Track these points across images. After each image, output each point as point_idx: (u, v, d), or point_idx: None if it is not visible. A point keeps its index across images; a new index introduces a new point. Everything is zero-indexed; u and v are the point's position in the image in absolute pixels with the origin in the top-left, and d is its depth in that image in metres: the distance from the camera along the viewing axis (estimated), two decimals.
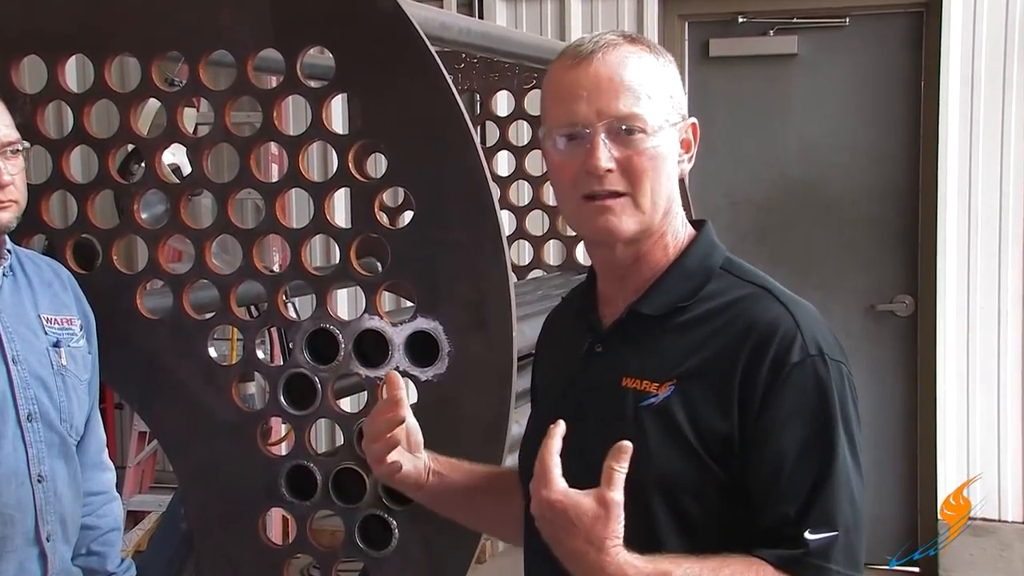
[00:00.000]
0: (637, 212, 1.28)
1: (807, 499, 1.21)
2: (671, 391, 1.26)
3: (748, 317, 1.26)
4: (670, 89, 1.31)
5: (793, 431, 1.22)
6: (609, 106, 1.25)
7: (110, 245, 2.15)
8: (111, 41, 2.10)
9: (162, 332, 2.12)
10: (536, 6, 4.28)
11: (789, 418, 1.22)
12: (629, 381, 1.30)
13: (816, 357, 1.24)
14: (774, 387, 1.22)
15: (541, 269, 3.42)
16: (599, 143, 1.25)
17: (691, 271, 1.33)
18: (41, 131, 2.14)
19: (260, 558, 2.15)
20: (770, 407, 1.22)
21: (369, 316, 1.99)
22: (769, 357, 1.23)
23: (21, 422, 1.81)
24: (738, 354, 1.24)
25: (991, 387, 3.98)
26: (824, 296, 4.12)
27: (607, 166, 1.25)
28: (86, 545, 2.02)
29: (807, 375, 1.23)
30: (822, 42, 4.12)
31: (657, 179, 1.28)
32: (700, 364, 1.26)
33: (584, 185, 1.27)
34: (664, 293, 1.32)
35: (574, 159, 1.27)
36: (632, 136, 1.26)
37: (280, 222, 2.03)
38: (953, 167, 3.94)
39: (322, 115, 1.97)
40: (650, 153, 1.26)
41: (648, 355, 1.30)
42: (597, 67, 1.26)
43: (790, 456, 1.22)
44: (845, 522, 1.21)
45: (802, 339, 1.24)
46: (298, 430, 2.08)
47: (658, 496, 1.26)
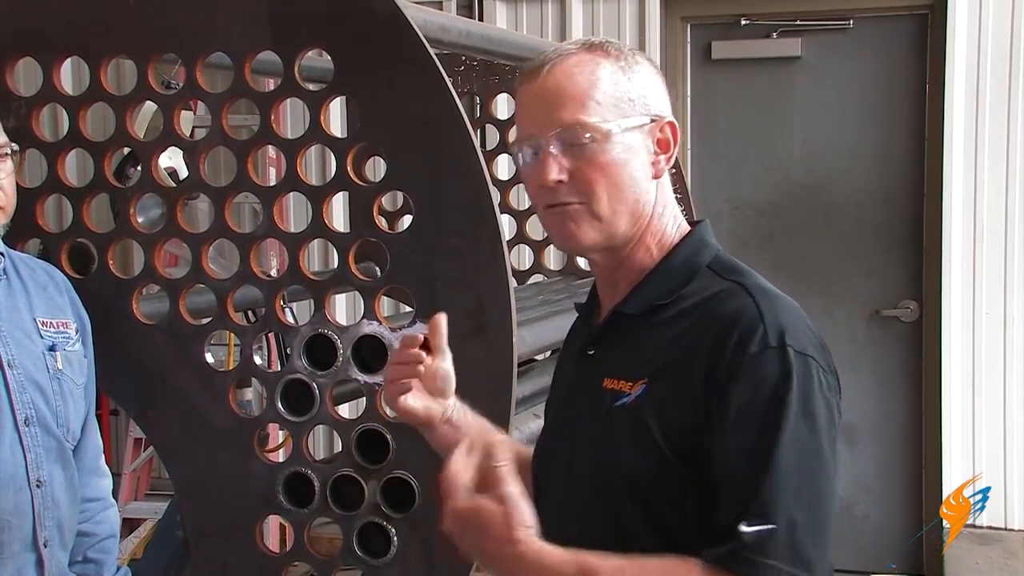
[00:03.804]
0: (594, 220, 1.28)
1: (746, 492, 1.16)
2: (642, 390, 1.26)
3: (715, 312, 1.25)
4: (632, 91, 1.29)
5: (743, 425, 1.18)
6: (553, 117, 1.27)
7: (106, 249, 2.14)
8: (107, 43, 2.09)
9: (158, 337, 2.11)
10: (536, 8, 4.27)
11: (740, 412, 1.18)
12: (609, 382, 1.30)
13: (776, 349, 1.19)
14: (731, 380, 1.19)
15: (542, 274, 3.42)
16: (547, 157, 1.27)
17: (674, 270, 1.32)
18: (36, 134, 2.14)
19: (257, 566, 2.14)
20: (725, 401, 1.19)
21: (368, 321, 1.99)
22: (729, 349, 1.20)
23: (18, 426, 1.80)
24: (703, 348, 1.22)
25: (996, 393, 3.97)
26: (828, 301, 4.11)
27: (556, 178, 1.27)
28: (82, 552, 2.01)
29: (764, 367, 1.19)
30: (826, 45, 4.10)
31: (615, 185, 1.28)
32: (670, 361, 1.25)
33: (543, 196, 1.30)
34: (644, 292, 1.32)
35: (533, 172, 1.30)
36: (584, 146, 1.26)
37: (278, 226, 2.03)
38: (958, 171, 3.92)
39: (320, 118, 1.96)
40: (602, 161, 1.27)
41: (626, 355, 1.31)
42: (544, 79, 1.28)
43: (738, 451, 1.18)
44: (788, 516, 1.15)
45: (763, 331, 1.20)
46: (296, 437, 2.08)
47: (629, 497, 1.25)
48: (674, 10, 4.20)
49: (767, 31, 4.13)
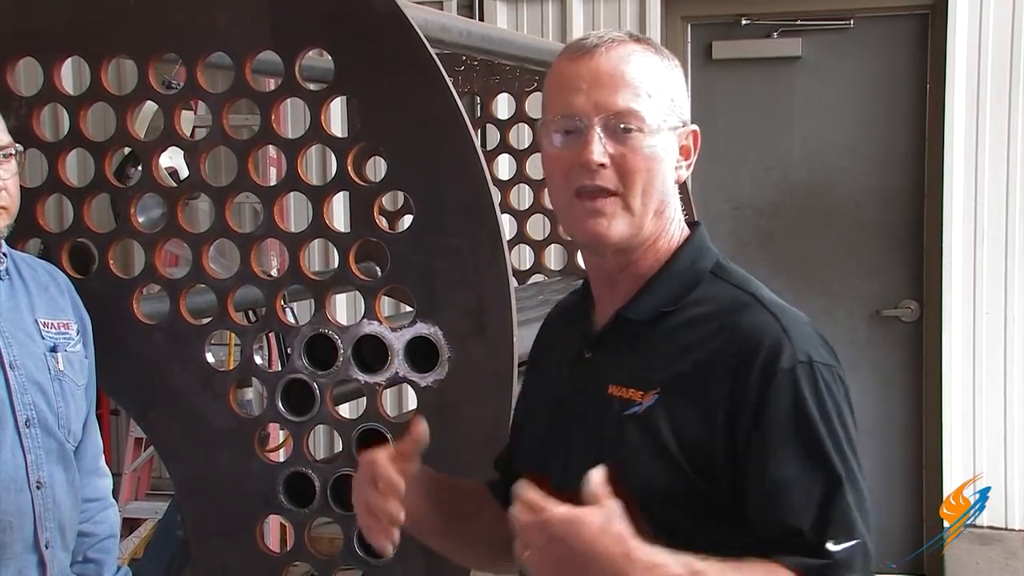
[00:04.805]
0: (627, 214, 1.26)
1: (822, 510, 1.19)
2: (655, 400, 1.24)
3: (734, 325, 1.24)
4: (672, 92, 1.29)
5: (793, 441, 1.20)
6: (607, 100, 1.24)
7: (106, 249, 2.14)
8: (107, 43, 2.09)
9: (159, 337, 2.11)
10: (537, 8, 4.27)
11: (786, 428, 1.20)
12: (615, 389, 1.28)
13: (806, 364, 1.21)
14: (766, 397, 1.20)
15: (542, 273, 3.42)
16: (594, 137, 1.23)
17: (679, 275, 1.31)
18: (37, 134, 2.14)
19: (258, 566, 2.14)
20: (766, 417, 1.20)
21: (368, 321, 1.98)
22: (758, 366, 1.21)
23: (19, 428, 1.80)
24: (724, 363, 1.22)
25: (997, 393, 3.96)
26: (829, 302, 4.10)
27: (600, 160, 1.23)
28: (83, 552, 2.01)
29: (799, 383, 1.21)
30: (826, 44, 4.10)
31: (650, 181, 1.26)
32: (685, 373, 1.24)
33: (576, 178, 1.25)
34: (650, 297, 1.31)
35: (569, 152, 1.26)
36: (628, 134, 1.24)
37: (278, 226, 2.03)
38: (959, 170, 3.92)
39: (321, 118, 1.96)
40: (645, 153, 1.25)
41: (633, 362, 1.29)
42: (599, 61, 1.25)
43: (793, 467, 1.20)
44: (862, 529, 1.20)
45: (791, 346, 1.22)
46: (296, 436, 2.07)
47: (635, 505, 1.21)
48: (674, 10, 4.19)
49: (767, 31, 4.13)
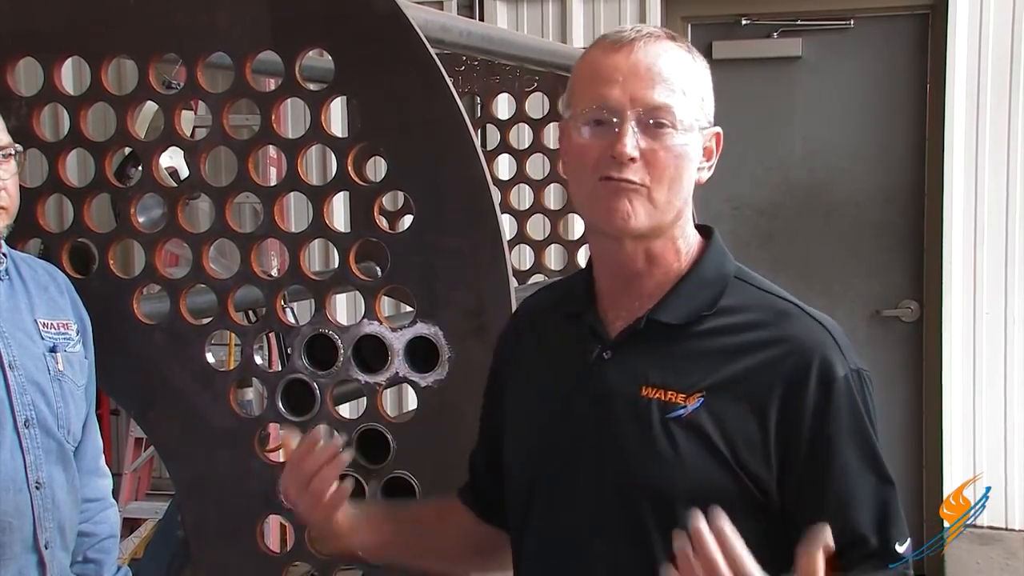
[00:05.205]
0: (651, 207, 1.25)
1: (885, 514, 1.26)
2: (700, 403, 1.25)
3: (785, 331, 1.27)
4: (703, 92, 1.29)
5: (852, 448, 1.25)
6: (644, 94, 1.23)
7: (106, 249, 2.14)
8: (107, 43, 2.09)
9: (159, 337, 2.11)
10: (537, 8, 4.27)
11: (848, 435, 1.24)
12: (650, 391, 1.28)
13: (855, 372, 1.26)
14: (826, 404, 1.24)
15: (542, 273, 3.42)
16: (628, 130, 1.23)
17: (708, 279, 1.32)
18: (37, 134, 2.14)
19: (258, 566, 2.14)
20: (827, 425, 1.24)
21: (368, 321, 1.98)
22: (814, 374, 1.24)
23: (18, 428, 1.80)
24: (777, 369, 1.24)
25: (997, 393, 3.96)
26: (829, 302, 4.10)
27: (632, 154, 1.22)
28: (82, 552, 2.01)
29: (853, 389, 1.25)
30: (826, 45, 4.10)
31: (677, 178, 1.26)
32: (732, 377, 1.25)
33: (604, 169, 1.24)
34: (685, 302, 1.30)
35: (599, 143, 1.25)
36: (661, 130, 1.24)
37: (279, 226, 2.03)
38: (959, 171, 3.92)
39: (321, 118, 1.96)
40: (676, 150, 1.25)
41: (670, 364, 1.28)
42: (637, 54, 1.24)
43: (856, 472, 1.24)
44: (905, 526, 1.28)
45: (841, 354, 1.26)
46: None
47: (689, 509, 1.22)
48: (675, 10, 4.19)
49: (768, 31, 4.13)
